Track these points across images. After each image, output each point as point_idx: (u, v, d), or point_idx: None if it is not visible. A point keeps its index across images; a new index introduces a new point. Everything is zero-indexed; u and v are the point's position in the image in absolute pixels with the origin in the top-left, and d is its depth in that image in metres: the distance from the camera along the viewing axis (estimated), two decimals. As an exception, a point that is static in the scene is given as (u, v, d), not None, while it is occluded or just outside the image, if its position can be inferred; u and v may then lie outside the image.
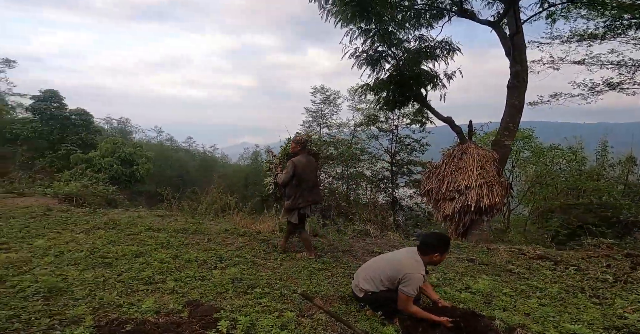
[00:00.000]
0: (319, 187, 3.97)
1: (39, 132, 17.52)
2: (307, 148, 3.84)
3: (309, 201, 3.66)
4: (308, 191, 3.64)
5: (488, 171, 5.74)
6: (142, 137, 34.25)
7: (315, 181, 3.80)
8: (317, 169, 3.97)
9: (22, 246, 3.26)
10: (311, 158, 3.80)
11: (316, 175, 3.93)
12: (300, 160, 3.60)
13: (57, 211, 5.21)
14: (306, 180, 3.61)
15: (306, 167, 3.61)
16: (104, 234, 4.00)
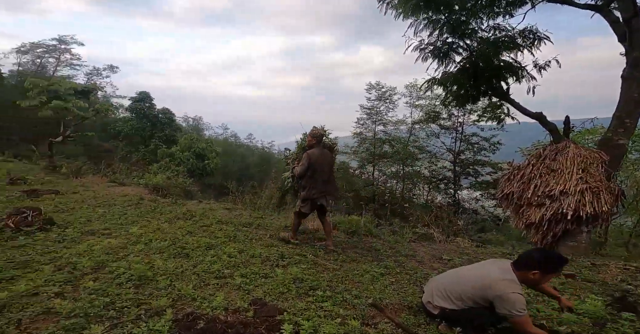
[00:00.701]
0: (334, 179, 4.04)
1: (135, 129, 20.41)
2: (322, 141, 3.89)
3: (323, 193, 3.74)
4: (322, 182, 3.73)
5: (593, 175, 4.75)
6: (211, 133, 37.31)
7: (329, 174, 3.85)
8: (332, 162, 4.02)
9: (120, 232, 3.69)
10: (326, 152, 3.87)
11: (331, 168, 3.98)
12: (314, 153, 3.70)
13: (147, 201, 5.87)
14: (320, 171, 3.70)
15: (320, 159, 3.70)
16: (183, 224, 4.36)
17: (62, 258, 2.71)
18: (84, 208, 4.82)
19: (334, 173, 4.09)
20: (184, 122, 36.23)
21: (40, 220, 3.40)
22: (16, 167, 10.14)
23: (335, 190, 4.02)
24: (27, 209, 3.42)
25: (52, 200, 5.36)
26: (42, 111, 10.03)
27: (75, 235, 3.35)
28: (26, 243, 2.97)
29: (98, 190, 7.04)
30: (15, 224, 3.21)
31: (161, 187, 7.45)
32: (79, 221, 3.99)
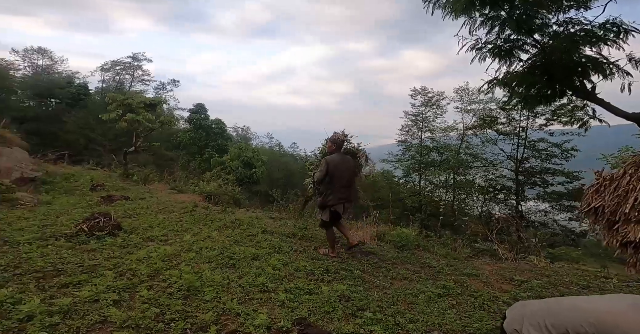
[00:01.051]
0: (354, 186, 3.88)
1: (192, 139, 22.30)
2: (343, 147, 3.77)
3: (341, 200, 3.62)
4: (340, 189, 3.62)
5: None
6: (258, 142, 39.13)
7: (349, 180, 3.74)
8: (353, 168, 3.87)
9: (176, 239, 3.87)
10: (347, 157, 3.76)
11: (351, 174, 3.83)
12: (333, 158, 3.62)
13: (200, 208, 6.19)
14: (339, 178, 3.60)
15: (340, 165, 3.61)
16: (231, 233, 4.45)
17: (124, 264, 2.87)
18: (147, 214, 5.22)
19: (355, 180, 3.91)
20: (234, 132, 38.60)
21: (110, 225, 3.71)
22: (98, 174, 11.59)
23: (354, 197, 3.86)
24: (100, 215, 3.76)
25: (122, 205, 5.92)
26: (120, 123, 11.41)
27: (138, 241, 3.57)
28: (96, 247, 3.23)
29: (161, 196, 7.66)
30: (89, 228, 3.53)
31: (213, 195, 7.85)
32: (142, 227, 4.29)
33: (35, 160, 10.34)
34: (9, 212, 4.63)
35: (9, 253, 2.84)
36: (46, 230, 3.73)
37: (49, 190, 8.07)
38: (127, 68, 31.82)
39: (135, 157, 29.74)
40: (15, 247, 3.01)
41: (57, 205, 5.76)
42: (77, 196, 7.11)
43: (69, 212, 4.93)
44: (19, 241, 3.14)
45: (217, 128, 23.01)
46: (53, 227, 3.88)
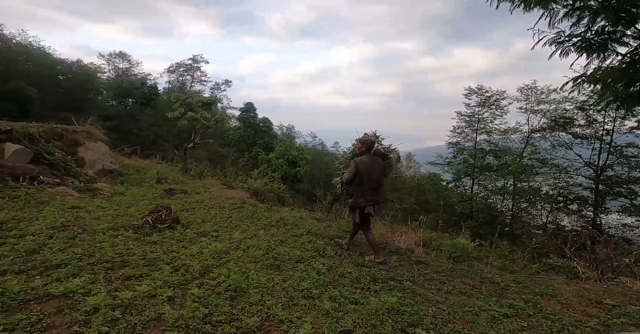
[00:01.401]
0: (384, 188, 3.84)
1: (242, 137, 23.49)
2: (373, 148, 3.79)
3: (371, 201, 3.62)
4: (370, 190, 3.62)
5: None
6: (301, 141, 39.74)
7: (379, 182, 3.72)
8: (382, 170, 3.84)
9: (225, 236, 4.01)
10: (377, 159, 3.76)
11: (381, 176, 3.81)
12: (362, 160, 3.63)
13: (248, 205, 6.40)
14: (368, 179, 3.60)
15: (369, 167, 3.61)
16: (276, 232, 4.48)
17: (179, 258, 3.02)
18: (201, 209, 5.54)
19: (384, 182, 3.88)
20: (279, 131, 39.77)
21: (170, 219, 3.97)
22: (162, 168, 12.81)
23: (383, 198, 3.83)
24: (162, 208, 4.05)
25: (181, 199, 6.40)
26: (181, 121, 12.46)
27: (192, 236, 3.77)
28: (157, 240, 3.47)
29: (213, 191, 8.14)
30: (153, 221, 3.82)
31: (259, 192, 8.10)
32: (196, 221, 4.54)
33: (114, 154, 11.83)
34: (90, 201, 5.26)
35: (86, 241, 3.18)
36: (118, 220, 4.13)
37: (123, 181, 9.12)
38: (188, 69, 34.79)
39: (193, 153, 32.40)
40: (91, 236, 3.37)
41: (129, 196, 6.44)
42: (145, 188, 7.89)
43: (138, 203, 5.45)
44: (95, 230, 3.51)
45: (265, 126, 23.92)
46: (124, 218, 4.28)
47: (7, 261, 2.45)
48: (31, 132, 7.19)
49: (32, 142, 7.21)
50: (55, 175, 6.72)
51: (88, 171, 8.47)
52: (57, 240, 3.10)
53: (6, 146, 6.42)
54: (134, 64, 33.72)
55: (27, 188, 5.44)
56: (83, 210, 4.52)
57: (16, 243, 2.85)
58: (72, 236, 3.24)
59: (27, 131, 7.11)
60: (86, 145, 9.25)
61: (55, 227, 3.47)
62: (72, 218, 3.95)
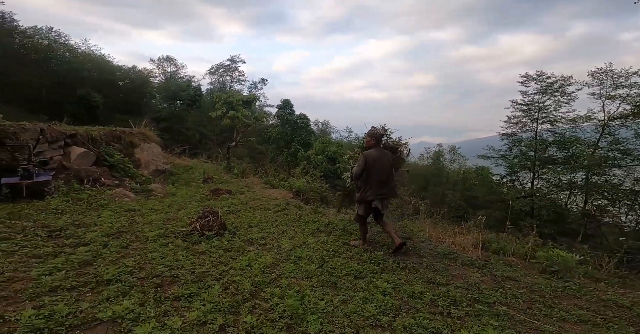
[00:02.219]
0: (393, 181, 3.73)
1: (281, 134, 23.58)
2: (382, 141, 3.73)
3: (379, 195, 3.56)
4: (378, 184, 3.56)
5: None
6: (337, 136, 39.30)
7: (388, 175, 3.65)
8: (391, 163, 3.74)
9: (273, 244, 3.71)
10: (386, 152, 3.69)
11: (390, 169, 3.72)
12: (371, 153, 3.56)
13: (292, 207, 6.11)
14: (377, 173, 3.54)
15: (378, 160, 3.55)
16: (326, 240, 4.09)
17: (228, 273, 2.76)
18: (246, 211, 5.36)
19: (393, 175, 3.77)
20: (314, 126, 39.66)
21: (217, 225, 3.78)
22: (208, 167, 13.21)
23: (392, 192, 3.75)
24: (209, 213, 3.88)
25: (226, 199, 6.33)
26: (224, 120, 12.69)
27: (239, 245, 3.52)
28: (205, 249, 3.28)
29: (256, 191, 8.04)
30: (201, 227, 3.65)
31: (302, 191, 7.80)
32: (243, 226, 4.33)
33: (166, 154, 12.49)
34: (144, 203, 5.36)
35: (138, 251, 3.07)
36: (168, 225, 4.06)
37: (174, 181, 9.47)
38: (227, 70, 36.05)
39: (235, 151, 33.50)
40: (143, 244, 3.27)
41: (179, 197, 6.54)
42: (193, 188, 8.05)
43: (187, 205, 5.43)
44: (147, 238, 3.42)
45: (302, 123, 23.75)
46: (173, 222, 4.21)
47: (61, 275, 2.36)
48: (93, 135, 7.65)
49: (95, 144, 7.70)
50: (115, 177, 7.08)
51: (143, 172, 8.91)
52: (110, 249, 3.02)
53: (72, 149, 6.87)
54: (180, 67, 35.80)
55: (90, 190, 5.72)
56: (137, 213, 4.55)
57: (71, 253, 2.80)
58: (125, 245, 3.17)
59: (90, 134, 7.57)
60: (142, 146, 9.77)
61: (110, 234, 3.45)
62: (127, 223, 3.95)
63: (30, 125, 5.86)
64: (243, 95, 14.20)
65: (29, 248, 2.83)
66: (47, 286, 2.17)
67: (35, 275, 2.31)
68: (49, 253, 2.75)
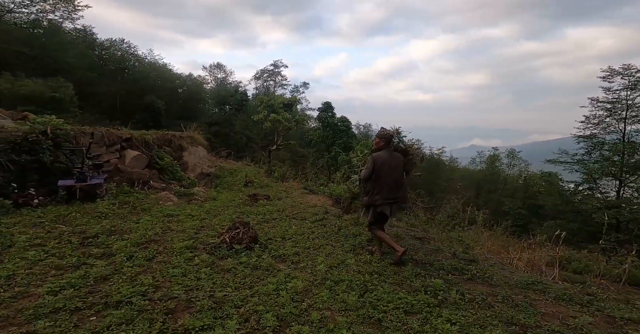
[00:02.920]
0: (404, 186, 3.44)
1: (321, 137, 23.26)
2: (392, 143, 3.56)
3: (387, 200, 3.34)
4: (388, 188, 3.35)
5: None
6: None
7: (398, 179, 3.41)
8: (402, 166, 3.47)
9: (307, 263, 3.24)
10: (396, 155, 3.50)
11: (401, 173, 3.45)
12: (380, 155, 3.40)
13: (332, 216, 5.60)
14: (386, 176, 3.34)
15: (387, 163, 3.35)
16: (370, 259, 3.49)
17: (252, 300, 2.34)
18: (282, 220, 4.98)
19: (404, 179, 3.53)
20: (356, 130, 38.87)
21: (248, 238, 3.45)
22: (250, 170, 13.40)
23: (403, 197, 3.55)
24: (240, 224, 3.58)
25: (263, 206, 6.06)
26: (266, 123, 12.75)
27: (269, 262, 3.11)
28: (231, 266, 2.94)
29: (295, 197, 7.70)
30: (230, 240, 3.34)
31: (342, 199, 7.25)
32: (275, 239, 3.94)
33: (211, 157, 13.00)
34: (184, 208, 5.31)
35: (161, 265, 2.84)
36: (200, 234, 3.84)
37: (217, 184, 9.65)
38: (270, 75, 37.22)
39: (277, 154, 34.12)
40: (169, 257, 3.04)
41: (219, 201, 6.47)
42: (234, 193, 8.02)
43: (224, 212, 5.25)
44: (174, 249, 3.19)
45: (343, 126, 23.14)
46: (206, 231, 4.00)
47: (69, 293, 2.16)
48: (146, 138, 8.07)
49: (147, 148, 8.13)
50: (162, 179, 7.35)
51: (190, 175, 9.23)
52: (134, 261, 2.83)
53: (127, 152, 7.28)
54: (228, 74, 37.96)
55: (138, 193, 5.90)
56: (174, 219, 4.46)
57: (93, 266, 2.65)
58: (150, 257, 2.97)
59: (144, 138, 7.99)
60: (189, 149, 10.18)
61: (139, 243, 3.31)
62: (160, 230, 3.82)
63: (90, 129, 6.26)
64: (284, 98, 14.20)
65: (55, 257, 2.76)
66: (50, 307, 1.96)
67: (45, 291, 2.14)
68: (71, 265, 2.63)
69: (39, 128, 4.90)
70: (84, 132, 6.00)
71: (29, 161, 4.54)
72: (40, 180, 4.72)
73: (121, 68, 25.69)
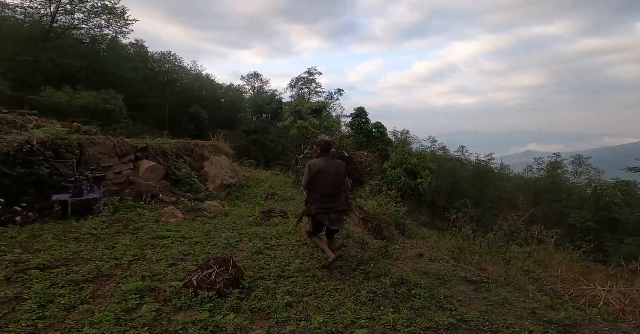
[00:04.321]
0: (344, 194, 3.25)
1: (353, 145, 22.07)
2: (330, 150, 3.38)
3: (322, 209, 3.20)
4: (323, 197, 3.21)
5: None
6: (418, 146, 35.73)
7: (335, 187, 3.22)
8: (340, 174, 3.25)
9: (298, 324, 2.23)
10: (335, 162, 3.31)
11: (339, 181, 3.25)
12: (316, 163, 3.28)
13: (353, 242, 4.52)
14: (321, 185, 3.20)
15: (323, 171, 3.20)
16: (395, 321, 2.37)
17: None
18: (288, 249, 3.99)
19: (344, 188, 3.24)
20: (393, 136, 37.11)
21: (224, 280, 2.55)
22: (277, 180, 12.73)
23: (341, 206, 3.23)
24: (216, 262, 2.72)
25: (274, 226, 5.18)
26: (292, 130, 12.09)
27: (239, 323, 2.16)
28: (181, 326, 2.04)
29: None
30: (198, 283, 2.48)
31: (371, 217, 6.11)
32: (267, 277, 3.00)
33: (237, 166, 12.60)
34: (180, 228, 4.65)
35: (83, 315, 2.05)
36: (174, 268, 3.05)
37: (237, 196, 9.08)
38: (305, 82, 37.23)
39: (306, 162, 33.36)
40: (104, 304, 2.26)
41: (230, 217, 5.76)
42: (250, 207, 7.29)
43: (221, 235, 4.45)
44: (114, 293, 2.40)
45: (377, 132, 21.65)
46: (186, 263, 3.21)
47: None
48: (164, 148, 7.78)
49: (165, 158, 7.85)
50: (174, 192, 6.91)
51: (209, 186, 8.76)
52: (46, 310, 2.09)
53: (141, 163, 6.98)
54: (264, 82, 38.86)
55: (142, 208, 5.44)
56: (160, 243, 3.77)
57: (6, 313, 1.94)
58: (76, 303, 2.23)
59: (162, 147, 7.70)
60: (211, 159, 9.80)
61: (82, 281, 2.59)
62: (128, 260, 3.12)
63: (103, 138, 6.03)
64: (312, 103, 13.44)
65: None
66: None
67: None
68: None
69: (36, 139, 4.63)
70: (93, 141, 5.75)
71: (21, 174, 4.24)
72: (38, 194, 4.40)
73: (170, 80, 27.38)
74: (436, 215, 27.17)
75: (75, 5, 18.07)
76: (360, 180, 3.65)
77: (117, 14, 19.33)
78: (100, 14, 18.97)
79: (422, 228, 13.24)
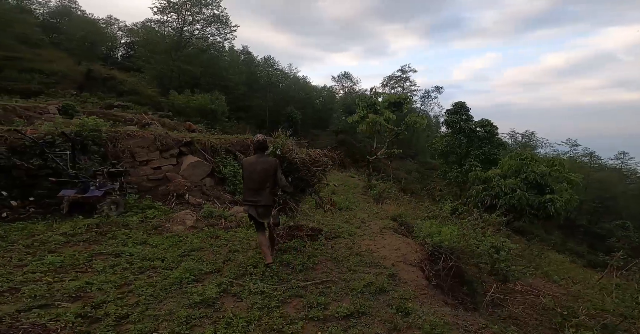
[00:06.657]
0: (268, 189, 3.30)
1: (450, 146, 17.87)
2: (264, 149, 3.41)
3: (248, 202, 3.36)
4: (249, 191, 3.36)
5: None
6: (548, 151, 27.44)
7: (261, 182, 3.30)
8: (268, 171, 3.29)
9: None
10: (266, 160, 3.35)
11: (265, 177, 3.29)
12: (247, 160, 3.44)
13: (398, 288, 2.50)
14: (249, 179, 3.35)
15: (251, 167, 3.33)
16: None
17: None
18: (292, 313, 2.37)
19: (269, 183, 3.28)
20: (510, 139, 29.48)
21: None
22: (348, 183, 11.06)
23: (265, 200, 3.30)
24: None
25: (292, 255, 3.64)
26: (360, 125, 10.19)
27: None
28: None
29: (367, 235, 4.81)
30: None
31: (448, 252, 3.76)
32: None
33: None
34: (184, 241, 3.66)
35: None
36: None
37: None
38: (398, 81, 33.96)
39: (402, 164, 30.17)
40: None
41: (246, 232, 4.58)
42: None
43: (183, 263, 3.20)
44: None
45: (484, 132, 16.76)
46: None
47: None
48: (213, 143, 7.30)
49: (215, 154, 7.39)
50: (207, 194, 6.21)
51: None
52: None
53: (185, 158, 6.60)
54: (355, 82, 37.55)
55: (157, 209, 4.82)
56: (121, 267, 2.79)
57: None
58: None
59: (210, 142, 7.25)
60: (270, 157, 9.08)
61: None
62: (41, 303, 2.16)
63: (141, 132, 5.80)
64: (391, 95, 11.06)
65: None
66: None
67: None
68: None
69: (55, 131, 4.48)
70: (130, 134, 5.52)
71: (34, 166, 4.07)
72: (50, 188, 4.22)
73: (270, 83, 29.51)
74: (570, 235, 20.21)
75: (194, 16, 21.04)
76: (304, 179, 3.59)
77: (223, 21, 21.63)
78: (212, 23, 21.60)
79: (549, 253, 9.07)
